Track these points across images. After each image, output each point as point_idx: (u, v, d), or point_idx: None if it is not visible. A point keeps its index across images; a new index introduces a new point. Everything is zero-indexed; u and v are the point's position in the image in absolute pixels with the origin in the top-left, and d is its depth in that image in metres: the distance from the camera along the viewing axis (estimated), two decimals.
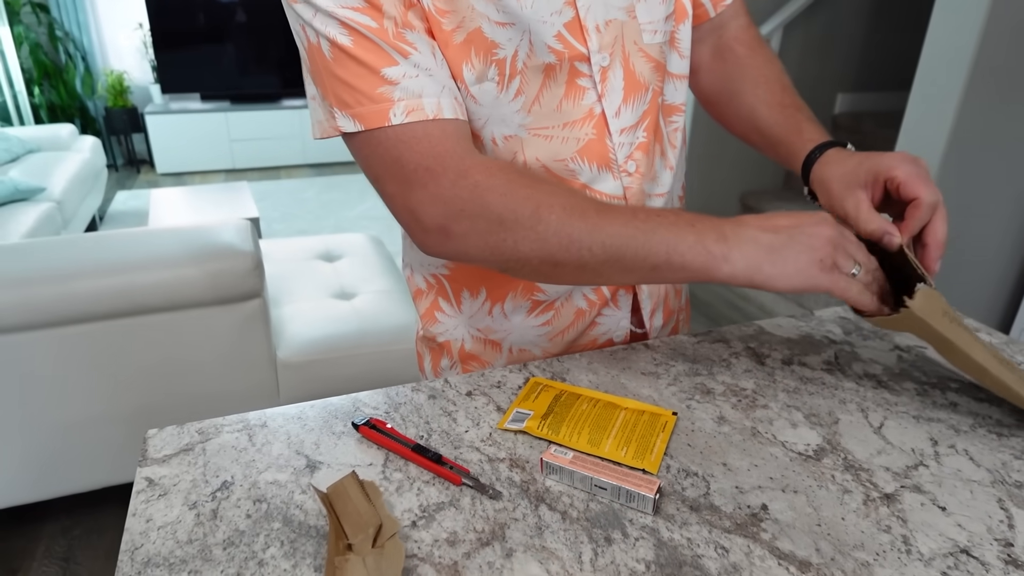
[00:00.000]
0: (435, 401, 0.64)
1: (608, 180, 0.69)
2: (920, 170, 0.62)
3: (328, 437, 0.59)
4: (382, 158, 0.58)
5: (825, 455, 0.59)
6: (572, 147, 0.67)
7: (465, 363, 0.80)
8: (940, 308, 0.59)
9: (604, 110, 0.67)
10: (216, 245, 1.53)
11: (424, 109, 0.57)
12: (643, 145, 0.71)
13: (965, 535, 0.51)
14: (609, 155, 0.69)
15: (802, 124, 0.73)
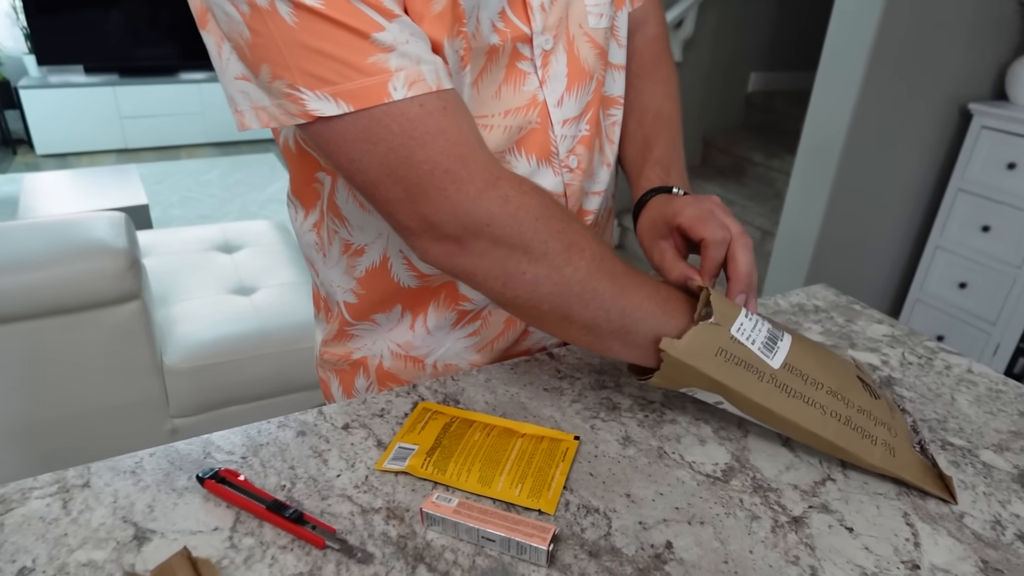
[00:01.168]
0: (304, 439, 0.56)
1: (548, 176, 0.63)
2: (702, 212, 0.58)
3: (166, 496, 0.50)
4: (382, 156, 0.47)
5: (733, 475, 0.55)
6: (512, 136, 0.60)
7: (383, 383, 0.72)
8: (716, 346, 0.52)
9: (546, 98, 0.61)
10: (84, 242, 1.37)
11: (425, 79, 0.46)
12: (586, 139, 0.65)
13: (872, 560, 0.48)
14: (550, 147, 0.62)
15: (646, 167, 0.69)
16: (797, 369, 0.54)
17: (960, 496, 0.54)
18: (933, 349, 0.74)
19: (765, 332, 0.55)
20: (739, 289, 0.57)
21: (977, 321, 2.12)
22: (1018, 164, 1.93)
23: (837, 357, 0.61)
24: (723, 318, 0.53)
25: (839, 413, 0.54)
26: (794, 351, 0.55)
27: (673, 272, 0.59)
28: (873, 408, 0.56)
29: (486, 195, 0.48)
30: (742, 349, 0.53)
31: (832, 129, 1.98)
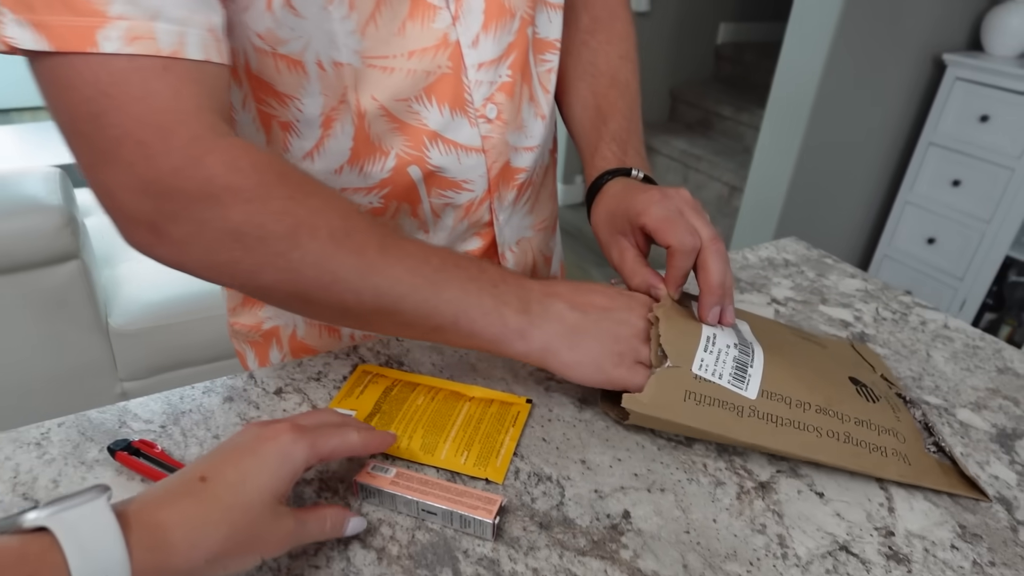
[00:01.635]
0: (231, 405, 0.51)
1: (463, 127, 0.56)
2: (670, 212, 0.51)
3: (74, 470, 0.45)
4: (75, 107, 0.38)
5: (696, 440, 0.51)
6: (419, 83, 0.53)
7: (297, 355, 0.66)
8: (682, 390, 0.47)
9: (459, 37, 0.53)
10: (15, 199, 1.27)
11: (156, 39, 0.38)
12: (507, 86, 0.57)
13: (844, 527, 0.45)
14: (464, 95, 0.55)
15: (600, 143, 0.62)
16: (777, 394, 0.49)
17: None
18: (908, 304, 0.71)
19: (731, 361, 0.49)
20: (712, 302, 0.51)
21: (944, 276, 2.13)
22: (991, 116, 1.91)
23: (823, 356, 0.56)
24: (680, 358, 0.47)
25: (836, 432, 0.48)
26: (769, 373, 0.49)
27: (635, 279, 0.54)
28: (872, 415, 0.50)
29: (183, 174, 0.40)
30: (711, 387, 0.47)
31: (803, 81, 1.93)
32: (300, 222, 0.42)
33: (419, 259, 0.46)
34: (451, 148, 0.57)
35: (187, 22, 0.39)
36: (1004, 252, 1.97)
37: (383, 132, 0.54)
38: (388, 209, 0.59)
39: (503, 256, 0.66)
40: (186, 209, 0.40)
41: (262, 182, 0.42)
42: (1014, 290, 2.13)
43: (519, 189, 0.64)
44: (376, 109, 0.52)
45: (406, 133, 0.54)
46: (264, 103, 0.51)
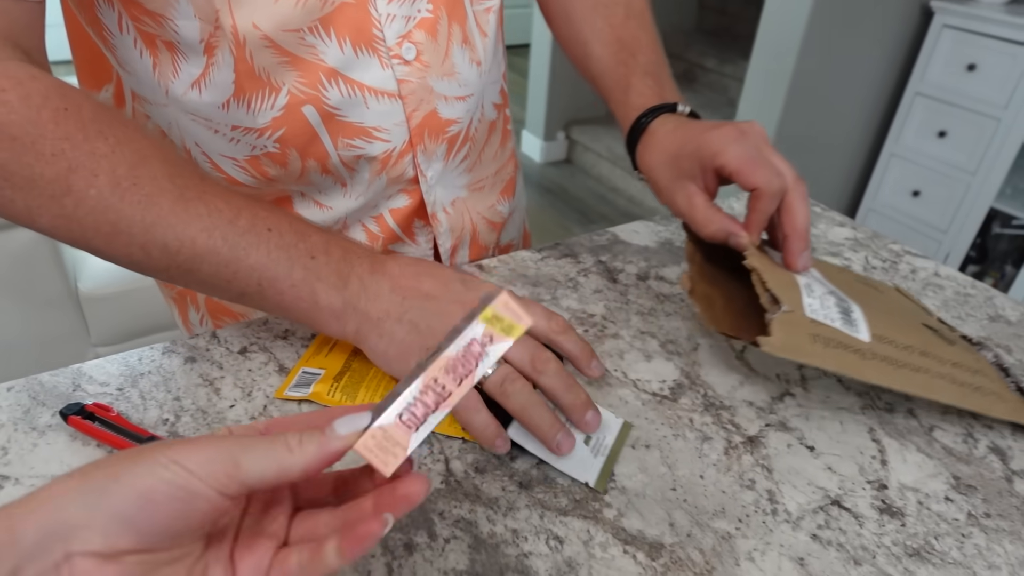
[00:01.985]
0: (193, 366, 0.48)
1: (374, 68, 0.51)
2: (751, 150, 0.48)
3: (24, 436, 0.42)
4: None
5: (683, 393, 0.49)
6: (313, 11, 0.46)
7: (216, 316, 0.62)
8: (806, 333, 0.44)
9: None
10: None
11: None
12: (427, 23, 0.52)
13: (836, 481, 0.43)
14: (372, 30, 0.49)
15: (632, 78, 0.57)
16: (885, 337, 0.47)
17: (929, 408, 0.50)
18: (898, 252, 0.69)
19: (834, 306, 0.47)
20: (801, 247, 0.48)
21: (928, 229, 2.13)
22: (978, 65, 1.88)
23: (889, 302, 0.54)
24: (792, 303, 0.45)
25: (942, 373, 0.47)
26: (867, 314, 0.48)
27: (711, 226, 0.49)
28: (960, 358, 0.49)
29: None
30: (829, 330, 0.45)
31: (787, 32, 1.88)
32: (76, 165, 0.38)
33: (223, 218, 0.41)
34: (355, 89, 0.51)
35: None
36: (988, 204, 1.97)
37: (270, 65, 0.48)
38: (289, 158, 0.52)
39: (434, 216, 0.61)
40: None
41: (33, 118, 0.38)
42: (997, 242, 2.13)
43: (450, 143, 0.58)
44: (259, 39, 0.46)
45: (299, 68, 0.48)
46: (140, 21, 0.46)
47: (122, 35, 0.47)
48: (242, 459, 0.25)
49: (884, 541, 0.39)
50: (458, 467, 0.42)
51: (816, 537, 0.39)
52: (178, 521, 0.24)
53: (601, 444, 0.43)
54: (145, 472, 0.24)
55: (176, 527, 0.24)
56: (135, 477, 0.24)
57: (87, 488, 0.23)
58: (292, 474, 0.26)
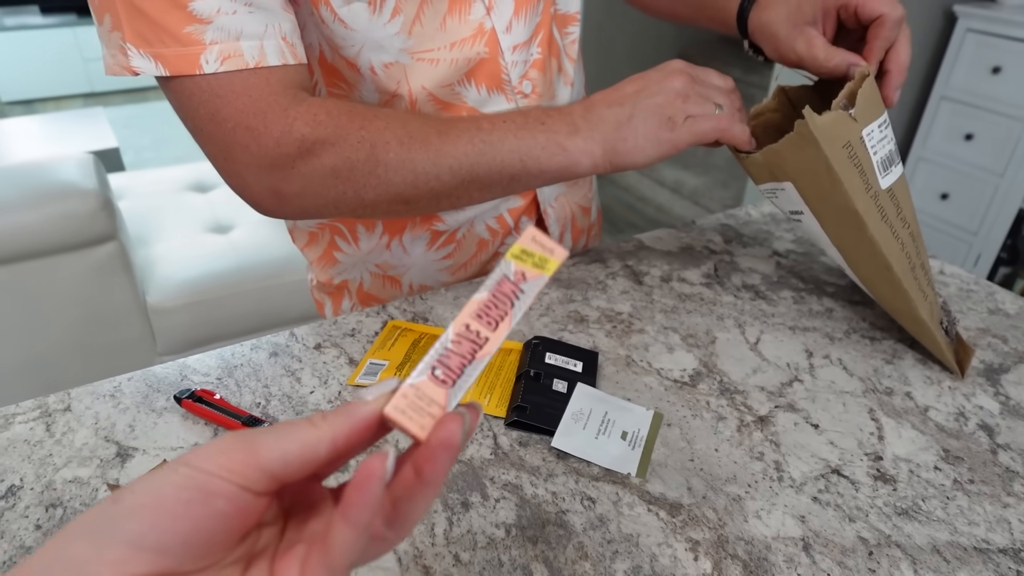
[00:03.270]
0: (277, 359, 0.56)
1: (501, 102, 0.62)
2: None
3: (146, 416, 0.51)
4: (196, 111, 0.49)
5: (701, 380, 0.56)
6: (461, 69, 0.59)
7: (365, 304, 0.75)
8: (845, 139, 0.49)
9: (494, 25, 0.59)
10: (55, 185, 1.33)
11: (243, 55, 0.47)
12: (538, 62, 0.63)
13: (836, 453, 0.49)
14: (502, 75, 0.61)
15: None
16: (896, 198, 0.53)
17: (926, 391, 0.55)
18: None
19: (887, 149, 0.53)
20: (900, 82, 0.54)
21: (958, 232, 2.14)
22: (1003, 68, 1.90)
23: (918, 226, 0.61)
24: (861, 115, 0.50)
25: (911, 257, 0.54)
26: (900, 181, 0.54)
27: (834, 58, 0.54)
28: (928, 272, 0.57)
29: (284, 143, 0.49)
30: (864, 154, 0.51)
31: None
32: (374, 143, 0.51)
33: (473, 129, 0.53)
34: None
35: (264, 35, 0.48)
36: (1018, 205, 1.97)
37: (429, 112, 0.60)
38: None
39: (545, 212, 0.72)
40: (294, 168, 0.51)
41: (338, 125, 0.51)
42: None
43: None
44: (425, 96, 0.59)
45: (449, 111, 0.60)
46: (334, 87, 0.59)
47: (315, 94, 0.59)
48: (259, 442, 0.22)
49: (877, 503, 0.45)
50: (504, 442, 0.49)
51: (816, 500, 0.46)
52: (199, 529, 0.21)
53: (637, 436, 0.50)
54: (150, 484, 0.21)
55: (198, 537, 0.21)
56: (138, 494, 0.21)
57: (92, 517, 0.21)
58: (319, 450, 0.23)
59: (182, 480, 0.21)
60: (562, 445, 0.48)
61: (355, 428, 0.23)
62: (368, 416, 0.24)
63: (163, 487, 0.21)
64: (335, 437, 0.23)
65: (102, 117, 2.83)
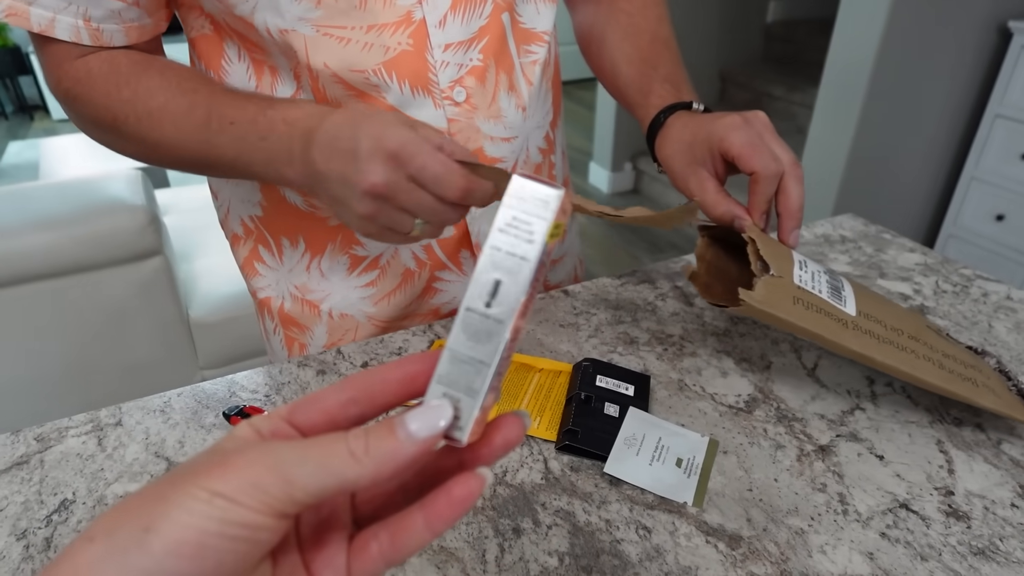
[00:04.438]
0: (324, 377, 0.56)
1: (427, 107, 0.57)
2: (753, 136, 0.53)
3: (196, 432, 0.51)
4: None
5: (757, 406, 0.54)
6: (377, 57, 0.54)
7: (286, 327, 0.70)
8: (789, 297, 0.49)
9: (425, 16, 0.54)
10: (103, 200, 1.37)
11: (29, 19, 0.50)
12: (477, 70, 0.58)
13: (904, 487, 0.47)
14: (428, 74, 0.56)
15: (652, 85, 0.63)
16: (872, 316, 0.51)
17: (997, 423, 0.52)
18: (969, 276, 0.72)
19: (825, 282, 0.52)
20: (792, 225, 0.54)
21: (1015, 254, 2.06)
22: None
23: (899, 306, 0.58)
24: (781, 269, 0.50)
25: (930, 357, 0.51)
26: (859, 298, 0.52)
27: (719, 208, 0.54)
28: (956, 353, 0.53)
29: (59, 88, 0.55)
30: (814, 297, 0.50)
31: (858, 57, 1.89)
32: (115, 114, 0.54)
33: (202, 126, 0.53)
34: None
35: (60, 10, 0.51)
36: None
37: (341, 96, 0.56)
38: None
39: (478, 247, 0.65)
40: (64, 105, 0.56)
41: (92, 87, 0.54)
42: None
43: None
44: (329, 76, 0.54)
45: (364, 101, 0.56)
46: (253, 51, 0.57)
47: (238, 62, 0.58)
48: (295, 475, 0.21)
49: (950, 541, 0.43)
50: (555, 466, 0.48)
51: (885, 535, 0.43)
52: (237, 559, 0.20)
53: (693, 464, 0.48)
54: (183, 514, 0.20)
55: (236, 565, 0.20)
56: (173, 525, 0.19)
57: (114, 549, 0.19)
58: (359, 485, 0.21)
59: (220, 514, 0.20)
60: (615, 471, 0.47)
61: (399, 468, 0.22)
62: (414, 457, 0.22)
63: (200, 519, 0.19)
64: (377, 476, 0.21)
65: None
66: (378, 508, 0.26)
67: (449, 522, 0.22)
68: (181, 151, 0.55)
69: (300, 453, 0.21)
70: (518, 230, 0.24)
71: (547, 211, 0.24)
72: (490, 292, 0.23)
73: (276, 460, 0.21)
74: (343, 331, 0.67)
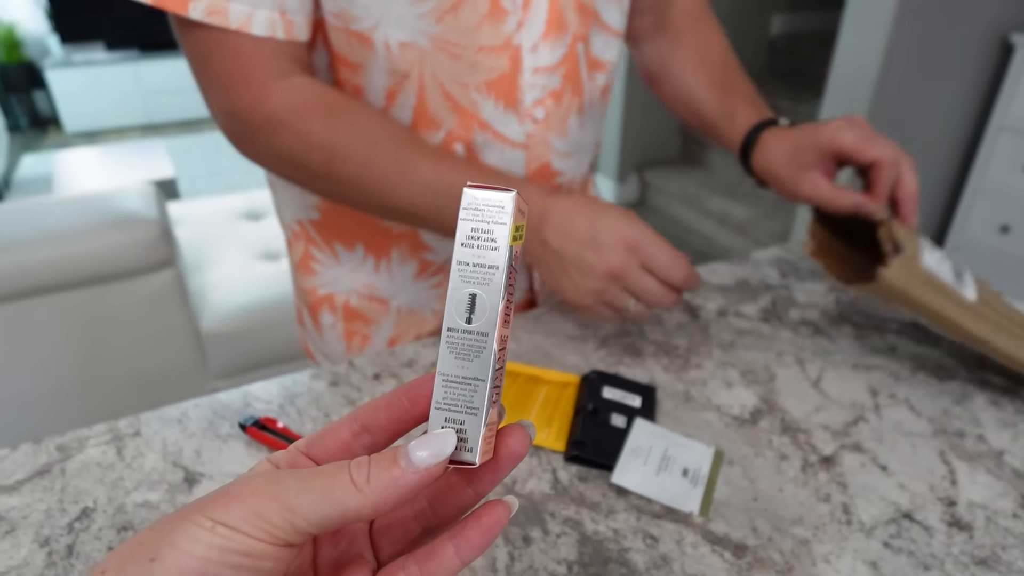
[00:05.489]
0: (337, 388, 0.57)
1: (512, 123, 0.62)
2: (864, 130, 0.59)
3: (212, 442, 0.52)
4: (190, 50, 0.54)
5: (762, 417, 0.55)
6: (482, 76, 0.59)
7: (349, 321, 0.73)
8: (919, 278, 0.53)
9: (521, 43, 0.59)
10: (118, 214, 1.39)
11: (228, 15, 0.51)
12: (556, 93, 0.63)
13: (907, 497, 0.47)
14: (517, 95, 0.61)
15: (736, 107, 0.69)
16: (991, 304, 0.55)
17: (999, 434, 0.53)
18: None
19: (948, 267, 0.56)
20: (912, 210, 0.58)
21: (1020, 265, 2.06)
22: None
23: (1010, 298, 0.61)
24: (913, 252, 0.54)
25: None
26: (981, 288, 0.56)
27: (843, 199, 0.59)
28: None
29: (255, 111, 0.54)
30: (940, 281, 0.54)
31: (861, 69, 1.91)
32: (334, 154, 0.55)
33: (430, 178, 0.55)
34: (496, 139, 0.62)
35: (257, 4, 0.51)
36: None
37: (439, 108, 0.60)
38: None
39: None
40: (254, 134, 0.55)
41: (307, 119, 0.54)
42: None
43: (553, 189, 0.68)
44: (436, 87, 0.59)
45: (459, 114, 0.61)
46: (339, 71, 0.60)
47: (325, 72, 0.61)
48: (297, 504, 0.21)
49: (953, 551, 0.44)
50: (564, 476, 0.49)
51: (888, 545, 0.44)
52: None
53: (699, 474, 0.49)
54: (187, 543, 0.20)
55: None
56: (177, 554, 0.20)
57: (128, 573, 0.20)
58: (361, 515, 0.21)
59: (223, 543, 0.20)
60: (622, 481, 0.48)
61: (401, 498, 0.22)
62: (418, 485, 0.22)
63: (205, 548, 0.20)
64: (379, 505, 0.21)
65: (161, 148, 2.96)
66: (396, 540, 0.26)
67: (479, 549, 0.23)
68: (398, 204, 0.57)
69: (303, 482, 0.21)
70: (480, 240, 0.24)
71: (504, 215, 0.24)
72: (468, 307, 0.24)
73: (279, 489, 0.21)
74: (409, 325, 0.72)
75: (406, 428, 0.26)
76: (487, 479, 0.25)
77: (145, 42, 4.60)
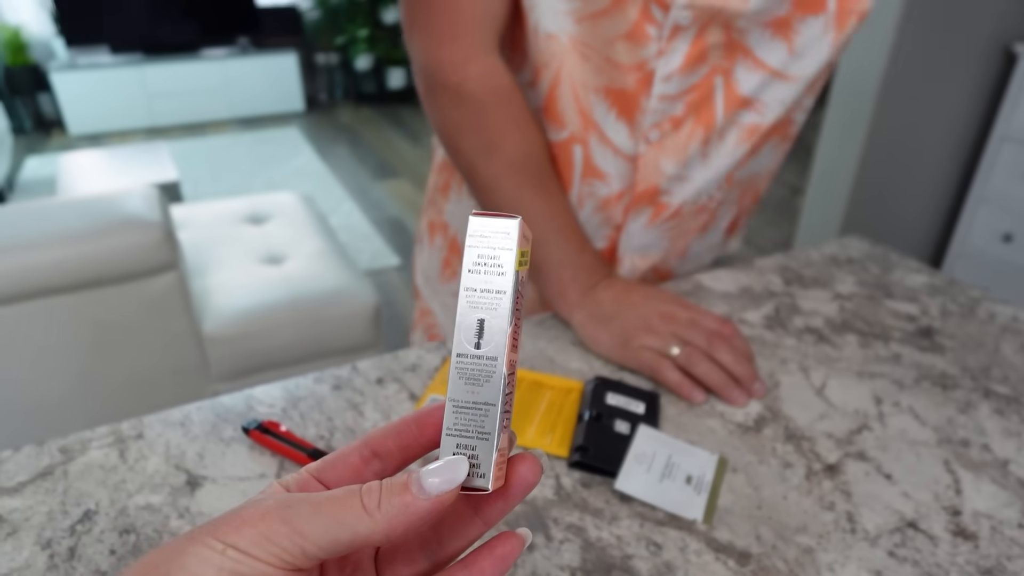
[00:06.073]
0: (340, 392, 0.57)
1: (623, 134, 0.63)
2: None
3: (215, 445, 0.52)
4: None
5: (765, 425, 0.54)
6: (603, 81, 0.61)
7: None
8: None
9: (655, 69, 0.59)
10: (120, 216, 1.39)
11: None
12: (676, 119, 0.62)
13: (911, 506, 0.47)
14: (636, 113, 0.62)
15: None
16: None
17: (1004, 443, 0.53)
18: (976, 298, 0.72)
19: None
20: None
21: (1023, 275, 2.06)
22: None
23: None
24: None
25: None
26: None
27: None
28: None
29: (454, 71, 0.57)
30: None
31: (865, 77, 1.91)
32: (492, 144, 0.59)
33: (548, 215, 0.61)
34: (608, 145, 0.64)
35: None
36: None
37: (567, 107, 0.63)
38: None
39: (620, 260, 0.73)
40: (440, 91, 0.60)
41: (492, 101, 0.58)
42: None
43: (657, 209, 0.69)
44: (569, 86, 0.62)
45: (583, 117, 0.63)
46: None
47: None
48: (308, 528, 0.21)
49: (957, 560, 0.43)
50: (567, 482, 0.49)
51: (893, 554, 0.44)
52: None
53: (702, 481, 0.49)
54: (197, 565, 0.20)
55: None
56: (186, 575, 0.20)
57: None
58: (371, 540, 0.21)
59: (232, 565, 0.20)
60: (626, 488, 0.47)
61: (412, 525, 0.21)
62: (429, 512, 0.22)
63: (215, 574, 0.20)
64: (389, 531, 0.21)
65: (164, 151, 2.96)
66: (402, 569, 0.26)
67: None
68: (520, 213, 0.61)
69: (314, 507, 0.21)
70: (487, 266, 0.24)
71: (510, 241, 0.24)
72: (476, 332, 0.24)
73: (290, 513, 0.21)
74: None
75: (415, 455, 0.26)
76: (498, 508, 0.25)
77: (150, 45, 4.61)
